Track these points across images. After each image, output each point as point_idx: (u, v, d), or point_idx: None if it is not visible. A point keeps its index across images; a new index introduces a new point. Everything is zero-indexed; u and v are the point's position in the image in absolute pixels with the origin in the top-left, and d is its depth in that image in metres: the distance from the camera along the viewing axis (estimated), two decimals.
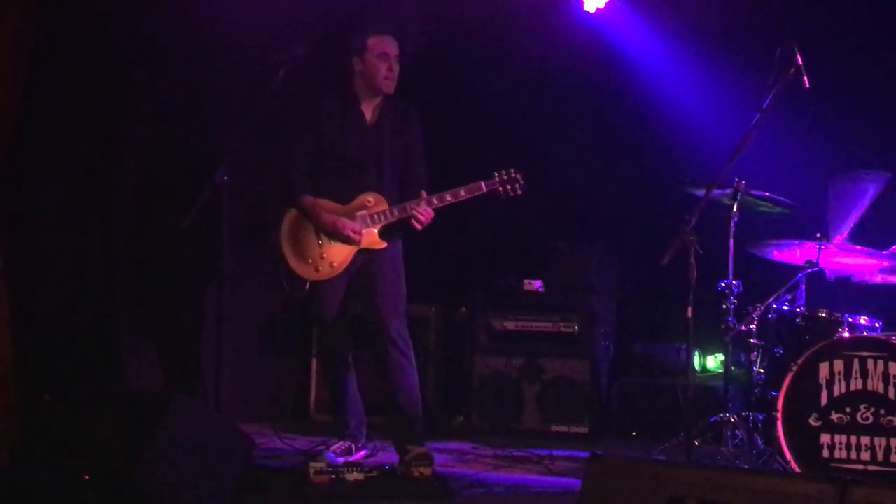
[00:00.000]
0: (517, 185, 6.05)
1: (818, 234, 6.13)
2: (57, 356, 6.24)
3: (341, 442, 6.35)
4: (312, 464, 5.58)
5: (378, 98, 6.15)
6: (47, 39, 5.87)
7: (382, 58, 6.03)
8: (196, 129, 7.06)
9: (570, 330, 7.40)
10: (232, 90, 6.98)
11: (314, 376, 7.55)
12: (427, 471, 5.68)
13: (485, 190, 6.04)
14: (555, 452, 6.58)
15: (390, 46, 6.05)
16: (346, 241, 6.03)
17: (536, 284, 7.52)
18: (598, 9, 7.54)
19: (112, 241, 6.53)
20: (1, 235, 5.68)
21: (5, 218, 5.74)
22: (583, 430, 7.23)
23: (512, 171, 6.05)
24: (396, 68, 6.07)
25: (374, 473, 5.60)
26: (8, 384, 5.67)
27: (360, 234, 6.03)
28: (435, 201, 6.03)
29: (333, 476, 5.46)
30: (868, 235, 6.37)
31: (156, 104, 6.81)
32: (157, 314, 6.80)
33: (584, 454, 4.52)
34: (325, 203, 6.08)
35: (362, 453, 6.39)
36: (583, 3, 7.52)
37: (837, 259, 6.26)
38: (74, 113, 6.30)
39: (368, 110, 6.15)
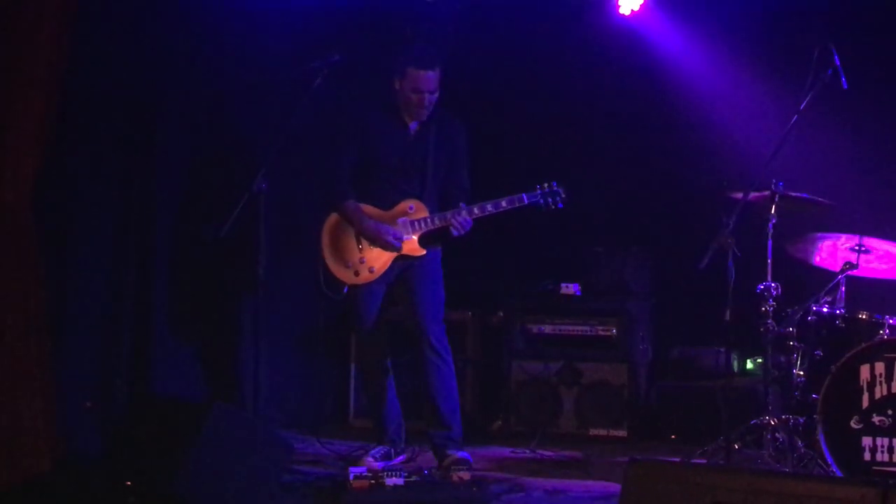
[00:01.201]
0: (558, 199, 6.11)
1: (858, 235, 6.10)
2: (97, 363, 6.28)
3: (380, 447, 6.37)
4: (352, 469, 5.59)
5: None
6: (84, 47, 5.92)
7: (415, 91, 6.04)
8: (234, 137, 7.09)
9: (608, 333, 7.38)
10: (269, 97, 7.01)
11: (353, 382, 7.56)
12: (466, 475, 5.68)
13: (526, 202, 6.10)
14: (593, 456, 6.56)
15: (426, 82, 6.02)
16: (387, 247, 6.06)
17: (573, 288, 7.50)
18: (633, 11, 7.52)
19: (150, 248, 6.57)
20: (40, 243, 5.73)
21: (44, 223, 5.79)
22: (621, 433, 7.21)
23: (554, 184, 6.12)
24: (432, 99, 6.07)
25: (414, 478, 5.60)
26: (49, 391, 5.72)
27: (400, 240, 6.06)
28: (476, 211, 6.06)
29: (373, 481, 5.47)
30: None
31: (194, 111, 6.84)
32: (196, 321, 6.84)
33: (624, 458, 4.50)
34: (367, 208, 6.11)
35: (401, 458, 6.40)
36: (618, 5, 7.49)
37: (875, 263, 6.21)
38: (113, 120, 6.34)
39: (410, 121, 6.18)
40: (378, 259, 6.11)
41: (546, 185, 6.11)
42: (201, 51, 6.77)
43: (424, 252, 6.12)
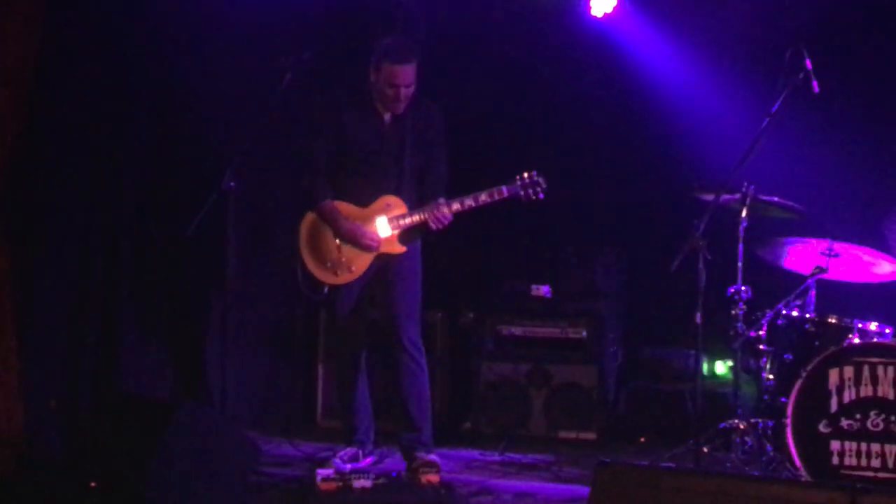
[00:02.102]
0: (539, 189, 6.02)
1: (828, 239, 6.12)
2: (62, 362, 6.22)
3: (349, 448, 6.32)
4: (319, 470, 5.56)
5: None
6: (53, 42, 5.87)
7: (391, 85, 5.98)
8: (202, 134, 7.04)
9: (578, 335, 7.37)
10: (238, 94, 6.96)
11: (321, 382, 7.52)
12: (434, 478, 5.66)
13: (506, 195, 6.01)
14: (562, 459, 6.55)
15: (402, 76, 5.95)
16: (365, 248, 6.01)
17: (544, 290, 7.49)
18: (605, 13, 7.51)
19: (117, 246, 6.51)
20: (5, 239, 5.67)
21: (10, 221, 5.73)
22: (591, 436, 7.20)
23: (534, 173, 6.02)
24: (408, 92, 6.00)
25: (382, 480, 5.58)
26: (13, 390, 5.66)
27: (378, 241, 6.02)
28: (455, 206, 6.00)
29: (340, 483, 5.45)
30: None
31: (161, 108, 6.79)
32: (163, 320, 6.79)
33: (593, 460, 4.48)
34: (345, 206, 6.06)
35: (369, 460, 6.37)
36: (590, 7, 7.48)
37: (845, 268, 6.23)
38: (80, 116, 6.28)
39: (385, 111, 6.11)
40: (357, 258, 6.06)
41: (526, 175, 6.01)
42: (170, 46, 6.71)
43: (404, 249, 6.08)
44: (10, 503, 5.35)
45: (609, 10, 7.47)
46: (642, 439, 7.13)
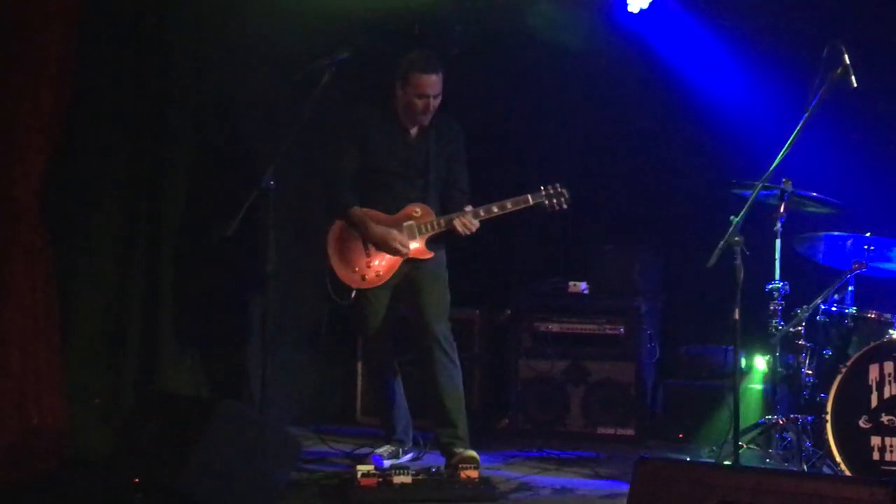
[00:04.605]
0: (563, 200, 6.15)
1: (868, 233, 6.09)
2: (104, 360, 6.29)
3: (388, 445, 6.37)
4: (359, 467, 5.59)
5: None
6: (92, 46, 5.92)
7: (420, 96, 6.04)
8: (242, 134, 7.09)
9: (616, 332, 7.36)
10: (278, 94, 7.00)
11: (360, 380, 7.56)
12: (473, 473, 5.67)
13: (531, 203, 6.13)
14: (601, 455, 6.56)
15: (431, 86, 6.03)
16: (395, 252, 6.05)
17: (581, 286, 7.49)
18: (641, 9, 7.50)
19: (158, 245, 6.56)
20: (47, 240, 5.73)
21: (51, 222, 5.79)
22: (629, 432, 7.20)
23: (558, 185, 6.16)
24: (435, 103, 6.08)
25: (421, 476, 5.60)
26: (57, 388, 5.72)
27: (407, 246, 6.07)
28: (482, 213, 6.08)
29: (380, 479, 5.47)
30: None
31: (201, 108, 6.83)
32: (203, 318, 6.83)
33: (631, 457, 4.49)
34: (373, 213, 6.11)
35: (409, 456, 6.41)
36: (627, 3, 7.48)
37: (884, 262, 6.20)
38: (121, 117, 6.34)
39: (410, 126, 6.17)
40: (385, 263, 6.12)
41: (550, 186, 6.14)
42: (209, 47, 6.76)
43: (432, 255, 6.13)
44: (54, 499, 5.41)
45: (645, 6, 7.46)
46: (680, 435, 7.12)
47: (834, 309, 6.11)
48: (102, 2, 6.01)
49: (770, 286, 6.04)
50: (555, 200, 6.13)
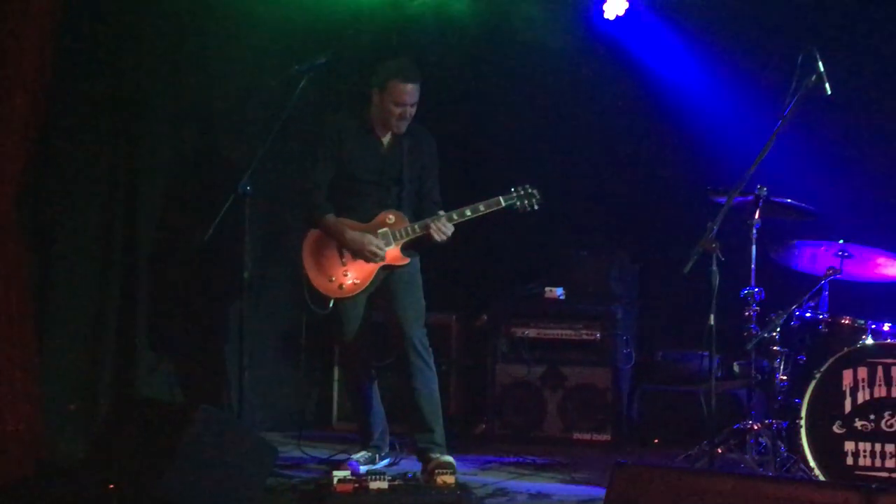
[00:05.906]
0: (534, 200, 6.17)
1: (840, 240, 6.13)
2: (81, 366, 6.26)
3: (364, 451, 6.37)
4: (336, 473, 5.58)
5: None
6: (69, 49, 5.91)
7: (398, 104, 6.04)
8: (219, 139, 7.08)
9: (592, 337, 7.38)
10: (255, 99, 7.00)
11: (336, 385, 7.56)
12: (450, 479, 5.66)
13: (503, 205, 6.14)
14: (577, 460, 6.58)
15: (408, 95, 6.03)
16: (370, 258, 6.06)
17: (557, 292, 7.51)
18: (617, 16, 7.54)
19: (135, 249, 6.55)
20: (24, 246, 5.71)
21: (28, 227, 5.77)
22: (605, 437, 7.21)
23: (528, 186, 6.17)
24: (411, 112, 6.09)
25: (397, 482, 5.59)
26: (34, 394, 5.70)
27: (383, 251, 6.07)
28: (455, 217, 6.09)
29: (356, 485, 5.46)
30: None
31: (179, 114, 6.83)
32: (180, 324, 6.82)
33: (607, 462, 4.51)
34: (348, 222, 6.11)
35: (385, 462, 6.41)
36: (603, 10, 7.51)
37: (858, 269, 6.24)
38: (97, 121, 6.33)
39: (384, 134, 6.18)
40: (362, 271, 6.12)
41: (521, 187, 6.15)
42: (186, 51, 6.75)
43: (408, 260, 6.14)
44: None
45: (621, 12, 7.50)
46: (656, 441, 7.14)
47: (808, 315, 6.15)
48: (79, 8, 5.99)
49: (745, 292, 6.07)
50: (526, 202, 6.15)
